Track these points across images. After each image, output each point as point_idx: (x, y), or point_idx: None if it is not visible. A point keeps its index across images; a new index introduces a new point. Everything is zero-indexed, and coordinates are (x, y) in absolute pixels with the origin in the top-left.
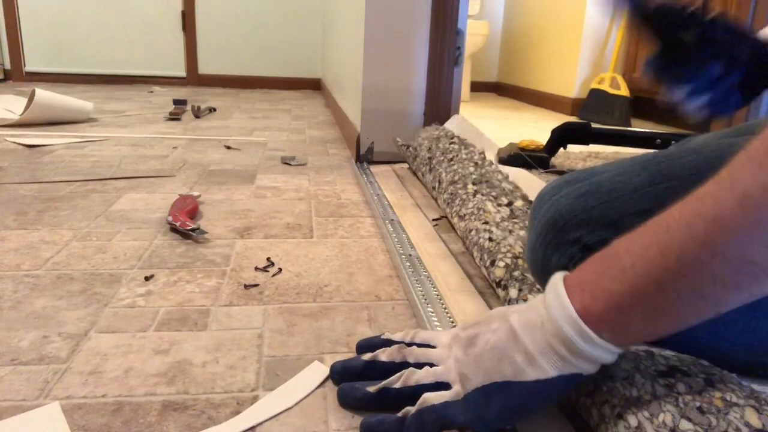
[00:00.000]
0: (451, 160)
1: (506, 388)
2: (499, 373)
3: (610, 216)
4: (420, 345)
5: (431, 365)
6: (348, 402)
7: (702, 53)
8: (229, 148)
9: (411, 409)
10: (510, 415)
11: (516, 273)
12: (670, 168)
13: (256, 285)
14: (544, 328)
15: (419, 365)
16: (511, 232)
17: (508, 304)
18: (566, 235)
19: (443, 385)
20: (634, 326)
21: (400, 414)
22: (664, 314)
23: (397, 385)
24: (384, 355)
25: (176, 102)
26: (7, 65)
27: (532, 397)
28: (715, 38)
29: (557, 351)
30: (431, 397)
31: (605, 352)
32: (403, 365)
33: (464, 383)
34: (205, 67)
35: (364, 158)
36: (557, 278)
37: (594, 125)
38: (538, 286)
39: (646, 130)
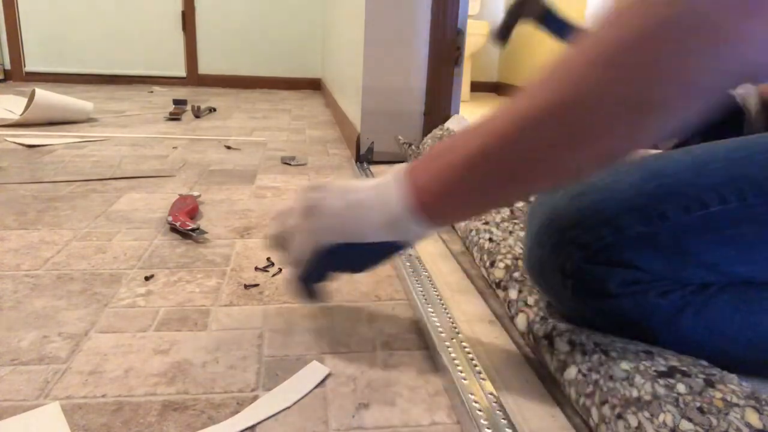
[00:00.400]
0: None
1: (343, 246)
2: (340, 234)
3: (604, 214)
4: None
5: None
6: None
7: None
8: (229, 148)
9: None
10: (351, 267)
11: (516, 274)
12: (661, 166)
13: (256, 285)
14: (382, 204)
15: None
16: (511, 233)
17: (508, 305)
18: (562, 235)
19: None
20: (451, 208)
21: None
22: (478, 199)
23: (300, 269)
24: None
25: (176, 102)
26: (7, 65)
27: (361, 255)
28: None
29: (388, 224)
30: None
31: (422, 229)
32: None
33: (309, 247)
34: (205, 67)
35: (364, 158)
36: (399, 171)
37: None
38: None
39: None
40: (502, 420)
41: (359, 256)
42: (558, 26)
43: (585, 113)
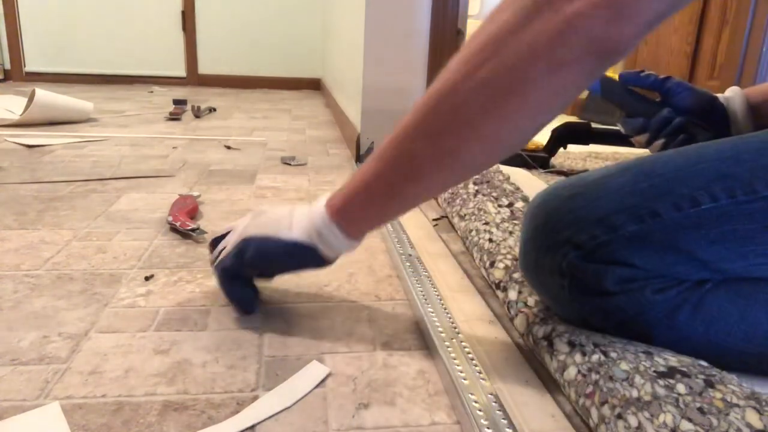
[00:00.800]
0: None
1: (263, 239)
2: (264, 231)
3: (597, 214)
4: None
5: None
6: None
7: (658, 107)
8: (229, 148)
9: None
10: (262, 259)
11: (515, 275)
12: (653, 167)
13: None
14: (308, 215)
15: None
16: (511, 233)
17: (508, 306)
18: (557, 236)
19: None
20: (359, 212)
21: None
22: (379, 201)
23: (221, 256)
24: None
25: (176, 102)
26: (7, 65)
27: (277, 250)
28: (670, 96)
29: (308, 228)
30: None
31: (337, 239)
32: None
33: (238, 237)
34: (205, 67)
35: (364, 158)
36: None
37: (594, 125)
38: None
39: None
40: (502, 420)
41: (273, 251)
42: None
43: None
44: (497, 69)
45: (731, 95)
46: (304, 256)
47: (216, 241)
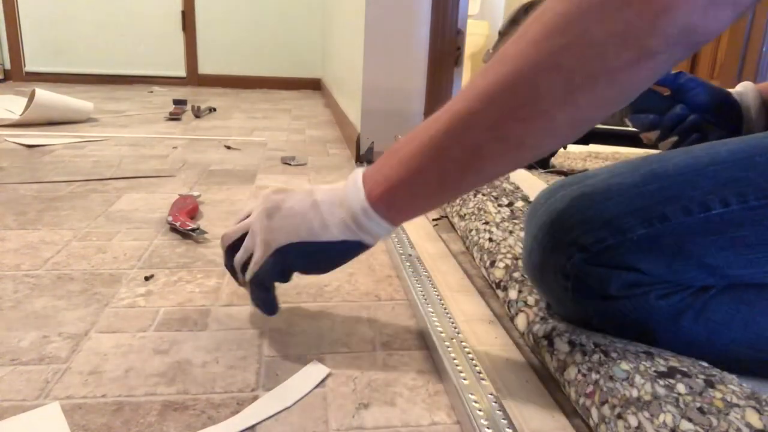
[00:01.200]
0: None
1: (302, 245)
2: (297, 235)
3: (605, 216)
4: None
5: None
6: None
7: (669, 102)
8: (229, 148)
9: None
10: (308, 266)
11: (516, 274)
12: (662, 168)
13: None
14: (341, 205)
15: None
16: (511, 232)
17: (508, 305)
18: (563, 237)
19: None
20: (405, 201)
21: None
22: (429, 191)
23: (253, 269)
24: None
25: (176, 102)
26: (7, 65)
27: (321, 254)
28: (683, 92)
29: (346, 222)
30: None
31: (380, 227)
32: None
33: (268, 247)
34: (205, 67)
35: (364, 158)
36: (358, 172)
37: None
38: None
39: None
40: (502, 420)
41: (317, 255)
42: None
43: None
44: (580, 56)
45: (744, 90)
46: (349, 251)
47: (233, 248)
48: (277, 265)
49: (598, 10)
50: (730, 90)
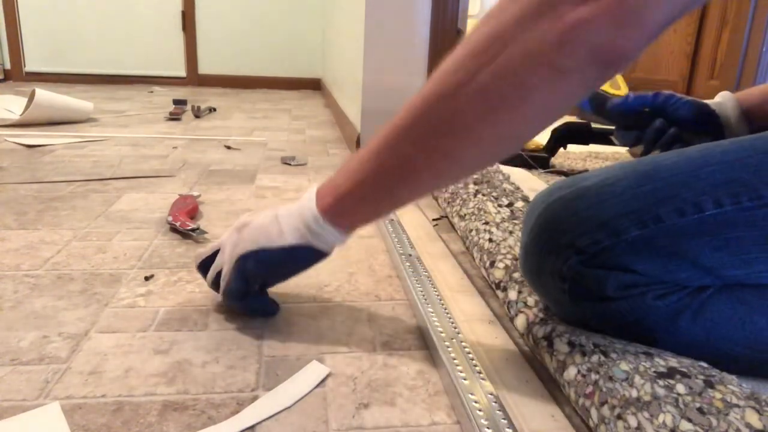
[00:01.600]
0: None
1: (260, 252)
2: (257, 243)
3: (600, 218)
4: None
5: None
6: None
7: (650, 118)
8: (229, 148)
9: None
10: (263, 271)
11: (516, 275)
12: (656, 170)
13: None
14: (298, 215)
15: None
16: (511, 233)
17: (508, 306)
18: (559, 239)
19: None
20: (352, 210)
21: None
22: (372, 199)
23: (224, 281)
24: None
25: (176, 102)
26: (7, 65)
27: (277, 258)
28: (662, 109)
29: (299, 229)
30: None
31: (332, 234)
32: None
33: (232, 259)
34: (205, 67)
35: None
36: (315, 185)
37: (594, 125)
38: None
39: None
40: (502, 420)
41: (274, 260)
42: (625, 106)
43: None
44: (496, 74)
45: (722, 101)
46: (302, 256)
47: (205, 264)
48: (239, 272)
49: (516, 29)
50: (708, 101)
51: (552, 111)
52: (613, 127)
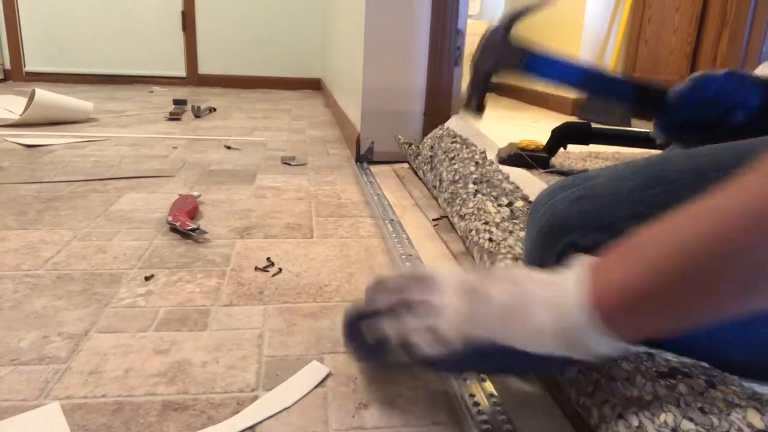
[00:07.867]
0: (453, 159)
1: (506, 352)
2: (503, 338)
3: (605, 219)
4: (421, 280)
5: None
6: (350, 349)
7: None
8: (229, 148)
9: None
10: (497, 374)
11: None
12: (665, 172)
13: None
14: (559, 310)
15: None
16: (511, 232)
17: None
18: (562, 239)
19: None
20: (644, 322)
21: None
22: (675, 312)
23: (394, 342)
24: (384, 304)
25: (176, 102)
26: (7, 65)
27: (528, 366)
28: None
29: (565, 335)
30: (422, 343)
31: (610, 347)
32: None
33: (462, 337)
34: (205, 67)
35: (364, 158)
36: (582, 267)
37: (594, 125)
38: None
39: (647, 131)
40: (502, 420)
41: (517, 364)
42: (544, 67)
43: None
44: None
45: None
46: (549, 368)
47: (360, 319)
48: (462, 362)
49: None
50: (751, 72)
51: None
52: (614, 128)
